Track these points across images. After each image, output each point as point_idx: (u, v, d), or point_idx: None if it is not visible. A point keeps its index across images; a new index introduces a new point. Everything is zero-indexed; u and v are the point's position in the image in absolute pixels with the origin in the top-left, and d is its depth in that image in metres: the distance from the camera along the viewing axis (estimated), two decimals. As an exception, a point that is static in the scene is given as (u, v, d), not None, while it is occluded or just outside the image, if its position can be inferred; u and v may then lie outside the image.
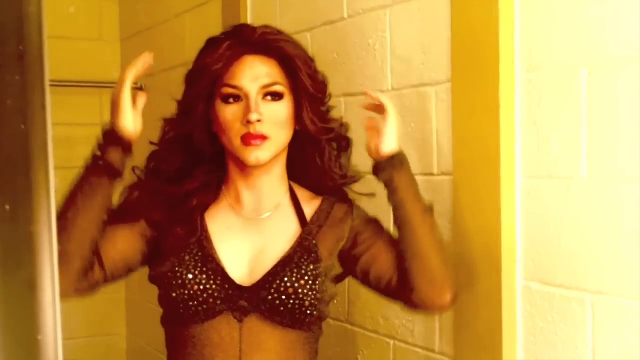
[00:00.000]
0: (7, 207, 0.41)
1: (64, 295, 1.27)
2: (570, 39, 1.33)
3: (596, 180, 1.29)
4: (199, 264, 1.39)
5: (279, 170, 1.48)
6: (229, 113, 1.40)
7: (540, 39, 1.38)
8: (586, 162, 1.30)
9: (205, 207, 1.48)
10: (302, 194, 1.52)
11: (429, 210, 1.44)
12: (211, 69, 1.40)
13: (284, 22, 2.10)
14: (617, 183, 1.26)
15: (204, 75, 1.41)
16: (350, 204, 1.51)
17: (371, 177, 1.49)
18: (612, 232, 1.27)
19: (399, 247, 1.42)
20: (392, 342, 1.78)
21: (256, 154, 1.38)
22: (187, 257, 1.40)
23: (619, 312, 1.26)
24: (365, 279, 1.47)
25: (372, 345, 1.85)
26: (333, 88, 1.54)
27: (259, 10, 2.24)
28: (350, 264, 1.48)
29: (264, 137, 1.38)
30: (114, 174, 1.38)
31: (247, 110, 1.38)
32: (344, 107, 1.87)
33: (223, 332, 1.39)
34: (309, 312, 1.38)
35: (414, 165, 1.67)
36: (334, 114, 1.55)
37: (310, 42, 1.99)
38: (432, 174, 1.63)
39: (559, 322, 1.36)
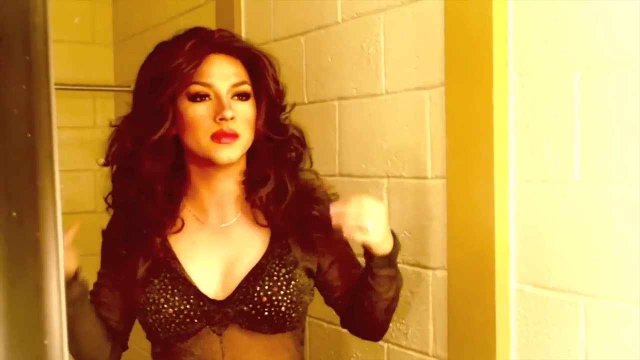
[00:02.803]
0: (14, 213, 0.42)
1: None
2: (563, 43, 1.34)
3: (589, 183, 1.30)
4: (169, 287, 1.38)
5: (238, 174, 1.44)
6: (198, 111, 1.36)
7: (533, 42, 1.39)
8: (579, 165, 1.31)
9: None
10: None
11: (396, 282, 1.43)
12: (182, 69, 1.35)
13: (278, 26, 2.11)
14: (609, 186, 1.27)
15: (176, 76, 1.35)
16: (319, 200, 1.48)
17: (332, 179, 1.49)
18: (605, 236, 1.27)
19: (355, 287, 1.45)
20: (385, 345, 1.78)
21: (227, 152, 1.35)
22: (156, 281, 1.39)
23: (612, 315, 1.27)
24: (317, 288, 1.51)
25: (365, 348, 1.85)
26: (327, 92, 1.55)
27: (253, 13, 2.24)
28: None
29: (235, 135, 1.35)
30: (83, 299, 1.41)
31: (220, 107, 1.35)
32: (337, 111, 1.88)
33: (205, 346, 1.39)
34: (286, 316, 1.38)
35: (408, 168, 1.68)
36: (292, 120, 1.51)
37: (304, 46, 2.00)
38: (425, 178, 1.64)
39: (551, 325, 1.37)
